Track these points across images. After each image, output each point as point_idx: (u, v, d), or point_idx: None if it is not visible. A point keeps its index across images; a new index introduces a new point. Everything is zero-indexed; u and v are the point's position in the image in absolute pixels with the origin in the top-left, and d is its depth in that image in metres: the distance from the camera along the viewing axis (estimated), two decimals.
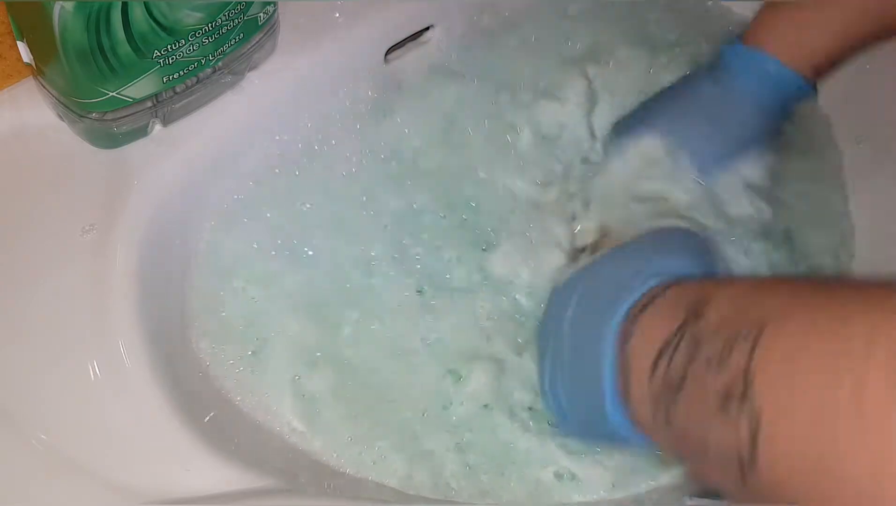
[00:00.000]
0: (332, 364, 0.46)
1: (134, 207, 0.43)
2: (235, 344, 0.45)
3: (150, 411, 0.39)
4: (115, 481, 0.37)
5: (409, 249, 0.49)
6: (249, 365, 0.45)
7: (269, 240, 0.48)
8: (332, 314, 0.47)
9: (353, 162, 0.51)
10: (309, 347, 0.46)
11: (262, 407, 0.44)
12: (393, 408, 0.45)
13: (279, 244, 0.48)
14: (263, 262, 0.48)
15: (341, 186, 0.50)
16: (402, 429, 0.44)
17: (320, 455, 0.43)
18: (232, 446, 0.40)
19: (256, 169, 0.49)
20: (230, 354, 0.45)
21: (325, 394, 0.45)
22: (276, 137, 0.50)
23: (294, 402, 0.44)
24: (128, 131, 0.44)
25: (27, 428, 0.38)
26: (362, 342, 0.46)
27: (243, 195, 0.49)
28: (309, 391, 0.45)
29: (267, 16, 0.45)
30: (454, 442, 0.44)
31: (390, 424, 0.44)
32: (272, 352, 0.45)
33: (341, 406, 0.44)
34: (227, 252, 0.47)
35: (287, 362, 0.45)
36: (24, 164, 0.44)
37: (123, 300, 0.41)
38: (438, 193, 0.51)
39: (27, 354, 0.40)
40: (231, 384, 0.44)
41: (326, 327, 0.46)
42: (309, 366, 0.45)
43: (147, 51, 0.40)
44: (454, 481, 0.43)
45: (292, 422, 0.44)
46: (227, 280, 0.47)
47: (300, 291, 0.47)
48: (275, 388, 0.45)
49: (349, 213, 0.50)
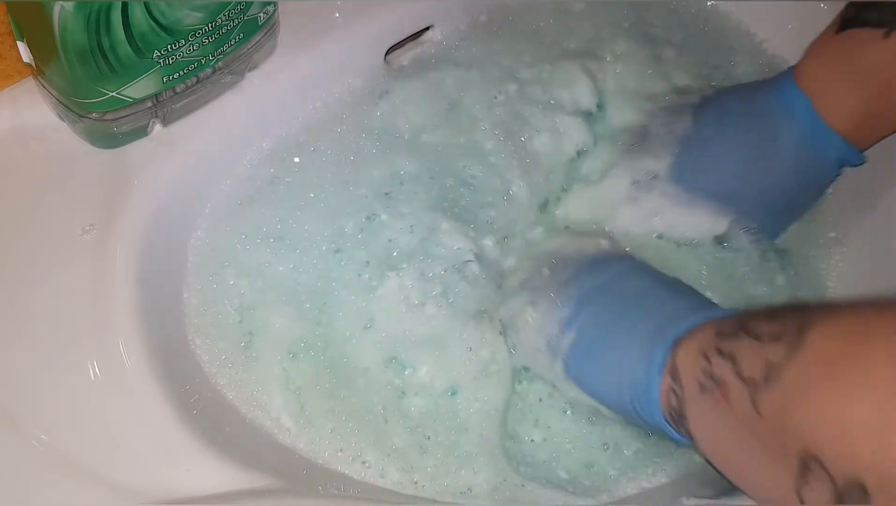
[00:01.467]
0: (312, 355, 0.46)
1: (134, 207, 0.43)
2: (228, 340, 0.45)
3: (150, 411, 0.39)
4: (115, 481, 0.37)
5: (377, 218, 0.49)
6: (241, 360, 0.45)
7: (265, 237, 0.48)
8: (313, 304, 0.47)
9: (354, 161, 0.51)
10: (293, 338, 0.46)
11: (253, 403, 0.44)
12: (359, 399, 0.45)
13: (266, 234, 0.48)
14: (254, 257, 0.47)
15: (342, 185, 0.50)
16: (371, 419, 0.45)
17: (307, 452, 0.43)
18: (231, 446, 0.40)
19: (256, 169, 0.49)
20: (223, 350, 0.45)
21: (309, 387, 0.45)
22: (276, 136, 0.50)
23: (283, 397, 0.44)
24: (128, 131, 0.44)
25: (27, 428, 0.38)
26: (336, 331, 0.46)
27: (243, 195, 0.49)
28: (295, 385, 0.45)
29: (267, 16, 0.45)
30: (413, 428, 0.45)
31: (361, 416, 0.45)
32: (261, 346, 0.45)
33: (322, 399, 0.45)
34: (222, 250, 0.47)
35: (274, 356, 0.45)
36: (24, 164, 0.44)
37: (123, 300, 0.41)
38: (434, 189, 0.51)
39: (27, 354, 0.40)
40: (224, 381, 0.44)
41: (308, 318, 0.46)
42: (294, 358, 0.45)
43: (147, 51, 0.40)
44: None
45: (281, 418, 0.44)
46: (221, 276, 0.47)
47: (283, 281, 0.47)
48: (264, 383, 0.45)
49: (349, 211, 0.50)
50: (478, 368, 0.45)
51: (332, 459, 0.43)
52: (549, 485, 0.44)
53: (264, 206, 0.49)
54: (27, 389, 0.39)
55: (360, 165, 0.50)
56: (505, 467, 0.44)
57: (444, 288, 0.47)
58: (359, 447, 0.44)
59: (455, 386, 0.45)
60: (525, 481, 0.44)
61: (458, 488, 0.43)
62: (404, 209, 0.49)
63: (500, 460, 0.44)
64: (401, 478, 0.43)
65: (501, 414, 0.45)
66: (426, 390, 0.45)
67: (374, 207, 0.49)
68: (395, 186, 0.50)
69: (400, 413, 0.45)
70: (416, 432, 0.44)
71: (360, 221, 0.49)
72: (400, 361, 0.46)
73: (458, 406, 0.45)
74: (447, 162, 0.51)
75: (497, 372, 0.45)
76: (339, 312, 0.46)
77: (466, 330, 0.46)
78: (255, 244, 0.48)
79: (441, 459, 0.44)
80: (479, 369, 0.45)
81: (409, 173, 0.50)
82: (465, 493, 0.43)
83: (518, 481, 0.44)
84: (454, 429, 0.44)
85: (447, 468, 0.44)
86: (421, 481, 0.43)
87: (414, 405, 0.45)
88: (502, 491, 0.43)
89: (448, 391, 0.45)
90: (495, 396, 0.45)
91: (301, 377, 0.45)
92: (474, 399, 0.45)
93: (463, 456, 0.44)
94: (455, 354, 0.45)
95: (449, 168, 0.51)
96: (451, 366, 0.45)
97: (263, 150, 0.50)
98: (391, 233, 0.48)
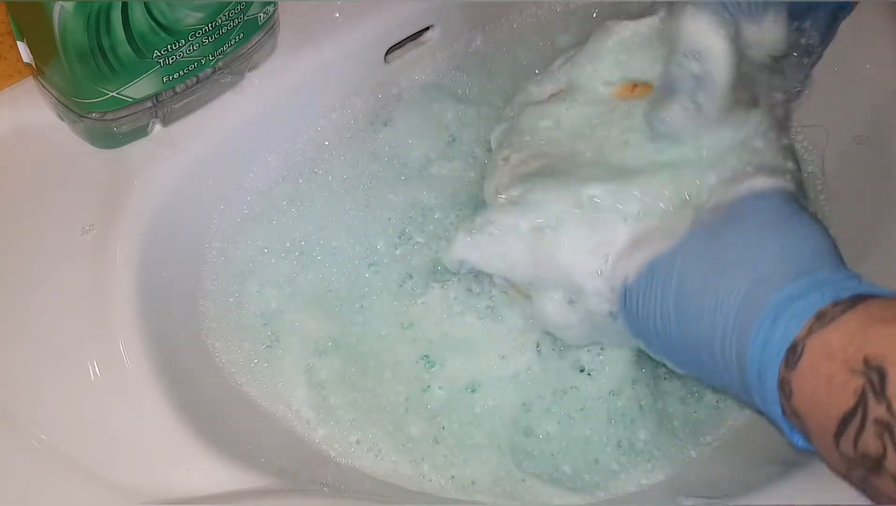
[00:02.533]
0: (342, 351, 0.47)
1: (134, 207, 0.43)
2: (251, 340, 0.46)
3: (150, 411, 0.39)
4: (115, 481, 0.37)
5: (411, 239, 0.50)
6: (264, 358, 0.46)
7: (289, 251, 0.49)
8: (345, 307, 0.48)
9: (368, 185, 0.51)
10: (322, 337, 0.47)
11: (275, 397, 0.45)
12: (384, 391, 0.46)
13: (290, 248, 0.49)
14: (276, 265, 0.48)
15: (361, 207, 0.51)
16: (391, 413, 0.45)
17: (322, 444, 0.44)
18: (234, 446, 0.40)
19: (256, 169, 0.49)
20: (245, 350, 0.46)
21: (335, 380, 0.46)
22: (276, 136, 0.50)
23: (306, 390, 0.45)
24: (128, 131, 0.44)
25: (27, 428, 0.38)
26: (372, 329, 0.47)
27: (248, 200, 0.49)
28: (320, 378, 0.46)
29: (267, 16, 0.45)
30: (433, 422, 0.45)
31: (383, 407, 0.45)
32: (287, 345, 0.46)
33: (347, 391, 0.45)
34: (238, 257, 0.48)
35: (301, 353, 0.46)
36: (24, 164, 0.44)
37: (123, 300, 0.41)
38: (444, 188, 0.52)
39: (27, 354, 0.40)
40: (244, 379, 0.45)
41: (340, 319, 0.47)
42: (321, 355, 0.46)
43: (147, 51, 0.40)
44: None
45: (301, 410, 0.45)
46: (243, 284, 0.47)
47: (314, 289, 0.48)
48: (288, 378, 0.45)
49: (349, 209, 0.50)
50: (505, 373, 0.46)
51: (345, 450, 0.44)
52: (550, 481, 0.44)
53: (266, 206, 0.49)
54: (27, 389, 0.39)
55: (375, 189, 0.51)
56: (509, 461, 0.44)
57: (489, 303, 0.47)
58: (375, 438, 0.44)
59: (476, 383, 0.46)
60: (526, 476, 0.44)
61: (463, 481, 0.44)
62: (441, 233, 0.50)
63: (506, 453, 0.44)
64: (410, 470, 0.44)
65: (516, 410, 0.45)
66: (449, 384, 0.46)
67: (405, 229, 0.50)
68: (422, 212, 0.51)
69: (421, 404, 0.45)
70: (433, 423, 0.45)
71: (394, 239, 0.50)
72: (431, 359, 0.46)
73: (475, 401, 0.45)
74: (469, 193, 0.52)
75: (523, 380, 0.46)
76: (377, 313, 0.47)
77: (503, 340, 0.46)
78: (279, 256, 0.48)
79: (451, 450, 0.44)
80: (506, 375, 0.46)
81: (428, 205, 0.51)
82: (468, 487, 0.43)
83: (519, 475, 0.44)
84: (469, 421, 0.45)
85: (455, 460, 0.44)
86: (429, 473, 0.44)
87: (435, 397, 0.45)
88: (503, 485, 0.44)
89: (468, 387, 0.46)
90: (513, 396, 0.46)
91: (327, 371, 0.46)
92: (492, 397, 0.45)
93: (472, 448, 0.44)
94: (486, 358, 0.46)
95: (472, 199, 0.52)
96: (478, 368, 0.46)
97: (264, 150, 0.50)
98: (431, 253, 0.49)
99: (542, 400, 0.46)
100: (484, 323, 0.47)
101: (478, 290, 0.47)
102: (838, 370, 0.31)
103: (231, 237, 0.48)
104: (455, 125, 0.54)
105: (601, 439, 0.45)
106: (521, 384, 0.46)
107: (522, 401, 0.46)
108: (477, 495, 0.43)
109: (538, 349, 0.46)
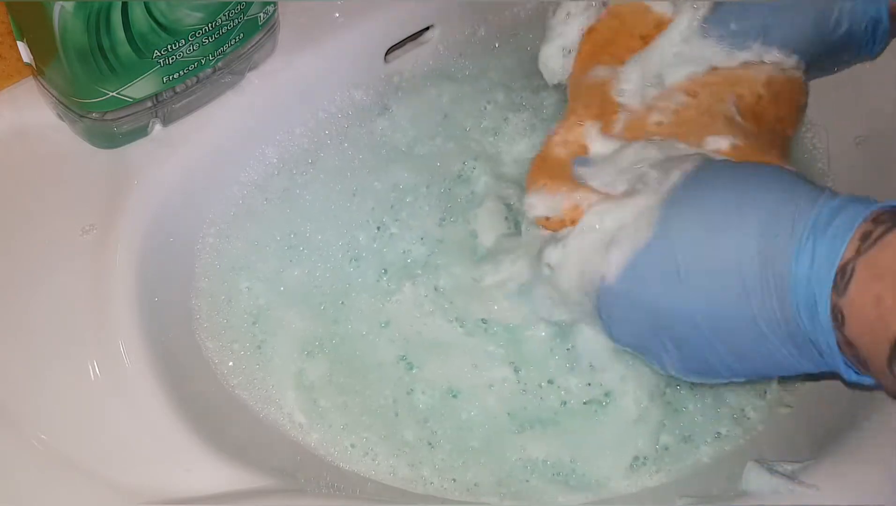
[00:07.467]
0: (328, 352, 0.46)
1: (134, 207, 0.43)
2: (241, 341, 0.46)
3: (150, 411, 0.39)
4: (115, 481, 0.37)
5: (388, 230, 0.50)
6: (255, 359, 0.46)
7: (279, 245, 0.48)
8: (329, 304, 0.47)
9: (357, 172, 0.51)
10: (309, 337, 0.46)
11: (267, 400, 0.45)
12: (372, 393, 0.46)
13: (280, 242, 0.48)
14: (266, 261, 0.48)
15: (349, 196, 0.50)
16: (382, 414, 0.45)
17: (318, 448, 0.44)
18: (233, 446, 0.40)
19: (257, 169, 0.49)
20: (235, 351, 0.46)
21: (324, 382, 0.45)
22: (276, 136, 0.50)
23: (296, 393, 0.45)
24: (128, 131, 0.44)
25: (27, 428, 0.38)
26: (354, 328, 0.47)
27: (244, 195, 0.49)
28: (309, 381, 0.45)
29: (267, 16, 0.45)
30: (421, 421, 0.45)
31: (373, 411, 0.45)
32: (276, 345, 0.46)
33: (336, 394, 0.45)
34: (231, 253, 0.48)
35: (290, 354, 0.46)
36: (24, 164, 0.44)
37: (123, 300, 0.41)
38: (432, 186, 0.52)
39: (27, 355, 0.40)
40: (236, 381, 0.45)
41: (324, 318, 0.47)
42: (309, 356, 0.46)
43: (147, 51, 0.40)
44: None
45: (293, 414, 0.44)
46: (233, 281, 0.47)
47: (300, 285, 0.48)
48: (278, 380, 0.45)
49: (360, 222, 0.50)
50: (481, 382, 0.46)
51: (342, 455, 0.44)
52: (551, 480, 0.44)
53: (273, 215, 0.49)
54: (27, 389, 0.39)
55: (363, 176, 0.51)
56: (509, 463, 0.44)
57: (451, 302, 0.47)
58: (369, 442, 0.44)
59: (455, 389, 0.46)
60: (529, 476, 0.44)
61: (466, 483, 0.43)
62: (412, 222, 0.50)
63: (504, 456, 0.44)
64: (410, 474, 0.43)
65: (504, 414, 0.45)
66: (431, 389, 0.46)
67: (382, 220, 0.50)
68: (399, 198, 0.51)
69: (410, 407, 0.45)
70: (425, 427, 0.45)
71: (373, 231, 0.50)
72: (408, 360, 0.46)
73: (460, 406, 0.45)
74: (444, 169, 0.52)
75: (499, 392, 0.46)
76: (357, 312, 0.47)
77: (470, 347, 0.46)
78: (267, 252, 0.48)
79: (448, 454, 0.44)
80: (482, 384, 0.46)
81: (408, 186, 0.51)
82: (472, 489, 0.43)
83: (522, 476, 0.44)
84: (459, 426, 0.45)
85: (454, 464, 0.44)
86: (430, 476, 0.44)
87: (422, 402, 0.45)
88: (507, 486, 0.43)
89: (449, 393, 0.46)
90: (495, 404, 0.45)
91: (316, 373, 0.46)
92: (474, 404, 0.45)
93: (469, 451, 0.44)
94: (458, 364, 0.46)
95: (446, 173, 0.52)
96: (452, 373, 0.46)
97: (264, 150, 0.50)
98: (404, 245, 0.49)
99: (525, 410, 0.45)
100: (451, 325, 0.47)
101: (441, 286, 0.48)
102: (887, 291, 0.30)
103: (224, 232, 0.48)
104: (448, 106, 0.54)
105: (601, 440, 0.45)
106: (500, 394, 0.46)
107: (507, 411, 0.45)
108: (482, 497, 0.43)
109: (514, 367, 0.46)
